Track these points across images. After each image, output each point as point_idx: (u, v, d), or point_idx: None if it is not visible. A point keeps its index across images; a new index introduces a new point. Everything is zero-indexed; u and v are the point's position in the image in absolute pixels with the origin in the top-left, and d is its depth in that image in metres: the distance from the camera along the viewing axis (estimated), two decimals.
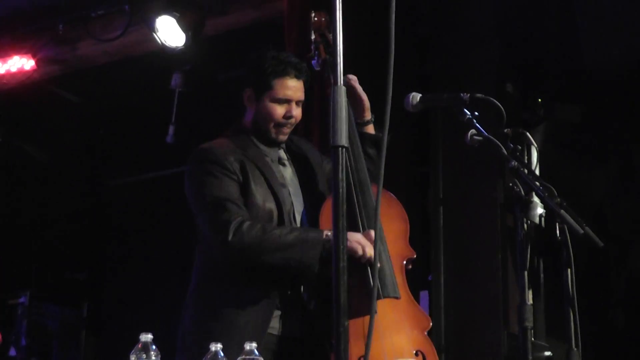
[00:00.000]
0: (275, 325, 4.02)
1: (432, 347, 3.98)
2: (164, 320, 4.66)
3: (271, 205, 4.07)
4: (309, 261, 3.89)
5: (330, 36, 4.40)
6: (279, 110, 4.15)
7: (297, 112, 4.19)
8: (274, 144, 4.24)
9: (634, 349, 6.39)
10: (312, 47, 4.37)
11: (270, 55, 4.19)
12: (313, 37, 4.35)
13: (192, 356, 3.89)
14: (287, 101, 4.15)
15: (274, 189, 4.09)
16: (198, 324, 4.02)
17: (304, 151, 4.38)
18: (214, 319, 3.98)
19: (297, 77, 4.17)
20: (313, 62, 4.35)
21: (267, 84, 4.14)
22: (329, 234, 3.88)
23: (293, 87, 4.16)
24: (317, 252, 3.89)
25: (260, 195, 4.06)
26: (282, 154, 4.28)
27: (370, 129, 4.39)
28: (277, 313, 4.02)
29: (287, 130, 4.21)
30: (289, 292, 4.04)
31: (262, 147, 4.22)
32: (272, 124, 4.16)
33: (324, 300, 4.02)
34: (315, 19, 4.38)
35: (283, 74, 4.14)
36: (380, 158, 2.99)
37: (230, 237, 3.89)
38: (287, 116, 4.16)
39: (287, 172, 4.25)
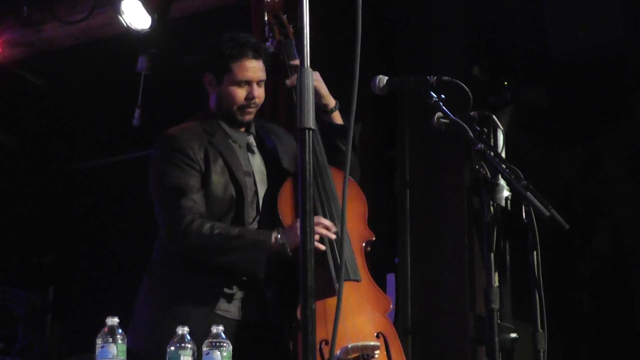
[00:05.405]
0: (234, 310, 4.02)
1: (393, 328, 4.01)
2: (130, 304, 4.63)
3: (232, 193, 4.06)
4: (254, 265, 3.91)
5: (285, 17, 4.41)
6: (240, 93, 4.14)
7: (259, 92, 4.17)
8: (242, 125, 4.23)
9: (598, 330, 6.44)
10: (267, 29, 4.36)
11: (227, 37, 4.17)
12: (266, 18, 4.34)
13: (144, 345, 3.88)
14: (248, 82, 4.14)
15: (237, 177, 4.08)
16: (150, 312, 4.07)
17: (275, 136, 4.35)
18: (161, 308, 4.01)
19: (255, 57, 4.15)
20: (268, 44, 4.33)
21: (226, 67, 4.13)
22: (278, 236, 3.90)
23: (252, 68, 4.14)
24: (264, 256, 3.90)
25: (221, 184, 4.06)
26: (252, 140, 4.26)
27: (337, 118, 4.36)
28: (235, 298, 4.03)
29: (251, 110, 4.20)
30: (245, 279, 4.04)
31: (231, 132, 4.20)
32: (235, 107, 4.15)
33: (280, 288, 4.04)
34: (269, 0, 4.37)
35: (240, 55, 4.13)
36: (347, 143, 2.97)
37: (178, 236, 3.93)
38: (249, 97, 4.15)
39: (255, 160, 4.24)
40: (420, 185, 6.11)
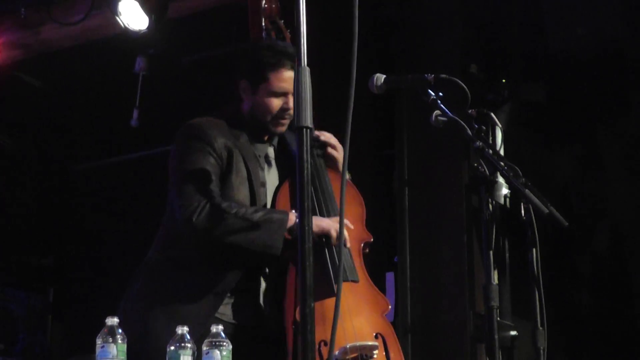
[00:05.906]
0: (229, 313, 4.01)
1: (391, 329, 4.00)
2: None
3: (246, 200, 4.02)
4: (272, 242, 3.87)
5: (282, 23, 4.39)
6: (276, 103, 4.06)
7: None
8: (269, 134, 4.18)
9: (598, 327, 6.44)
10: (264, 34, 4.33)
11: (265, 45, 4.12)
12: (264, 23, 4.32)
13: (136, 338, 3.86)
14: (284, 93, 4.05)
15: (253, 185, 4.04)
16: (144, 305, 4.02)
17: (293, 147, 4.31)
18: (159, 306, 3.97)
19: (293, 67, 3.99)
20: None
21: (263, 76, 4.05)
22: (295, 217, 3.88)
23: (289, 79, 4.01)
24: (282, 234, 3.88)
25: (237, 187, 4.01)
26: (271, 152, 4.23)
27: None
28: (230, 301, 4.02)
29: (284, 122, 4.12)
30: (244, 282, 4.02)
31: (254, 140, 4.15)
32: (269, 117, 4.08)
33: (275, 296, 4.04)
34: (266, 5, 4.35)
35: (278, 65, 4.04)
36: (345, 144, 2.96)
37: (195, 217, 3.86)
38: (285, 108, 4.06)
39: (271, 172, 4.20)
40: (419, 183, 6.11)
